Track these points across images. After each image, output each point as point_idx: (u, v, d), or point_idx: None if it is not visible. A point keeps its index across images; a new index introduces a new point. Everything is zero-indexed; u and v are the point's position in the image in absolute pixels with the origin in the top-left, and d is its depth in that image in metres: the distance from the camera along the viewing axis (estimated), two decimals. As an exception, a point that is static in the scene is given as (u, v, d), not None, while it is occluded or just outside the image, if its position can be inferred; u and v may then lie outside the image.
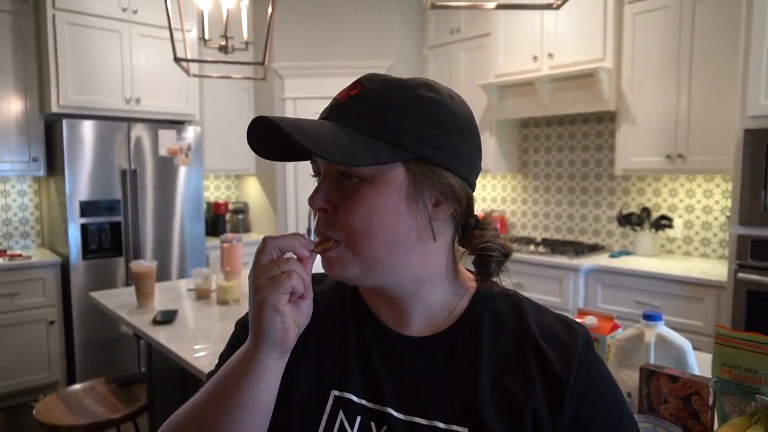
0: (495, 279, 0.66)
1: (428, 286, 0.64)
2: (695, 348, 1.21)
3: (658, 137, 3.00)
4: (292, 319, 0.58)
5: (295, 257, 0.59)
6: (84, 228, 3.37)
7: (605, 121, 3.51)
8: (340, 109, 0.60)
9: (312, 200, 0.60)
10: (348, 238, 0.59)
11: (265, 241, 0.58)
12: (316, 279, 0.76)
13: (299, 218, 4.21)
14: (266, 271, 0.57)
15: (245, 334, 0.63)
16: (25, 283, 3.26)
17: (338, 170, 0.60)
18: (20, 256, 3.33)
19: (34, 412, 1.96)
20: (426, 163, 0.59)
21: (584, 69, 3.11)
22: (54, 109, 3.35)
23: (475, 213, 0.67)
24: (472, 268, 0.70)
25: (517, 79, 3.43)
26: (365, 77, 0.62)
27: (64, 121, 3.28)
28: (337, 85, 0.64)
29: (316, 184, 0.63)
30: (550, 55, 3.30)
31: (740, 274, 2.49)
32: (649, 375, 1.03)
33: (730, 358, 0.95)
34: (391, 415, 0.61)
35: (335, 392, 0.63)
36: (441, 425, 0.59)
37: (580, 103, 3.24)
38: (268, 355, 0.58)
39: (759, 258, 2.44)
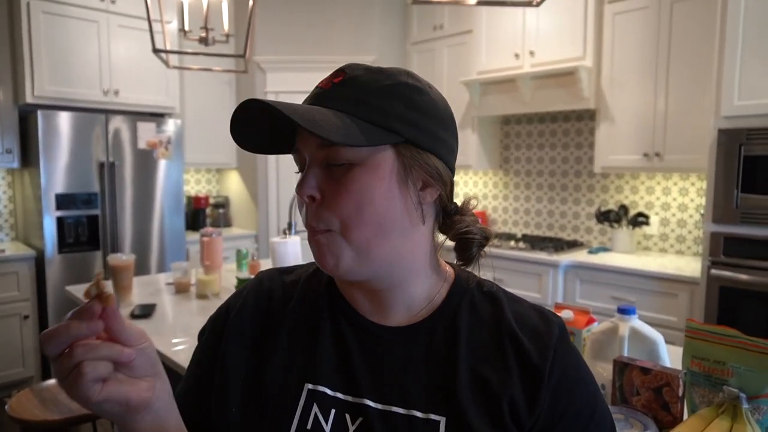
0: (473, 268, 0.67)
1: (412, 276, 0.65)
2: (669, 342, 1.24)
3: (636, 136, 3.05)
4: (119, 391, 0.50)
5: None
6: (60, 221, 3.31)
7: (585, 119, 3.56)
8: (325, 95, 0.60)
9: (300, 188, 0.59)
10: (341, 224, 0.58)
11: (41, 339, 0.50)
12: (287, 270, 0.76)
13: (281, 212, 4.19)
14: (60, 372, 0.49)
15: (211, 339, 0.69)
16: (-1, 277, 3.19)
17: (325, 158, 0.59)
18: (-7, 249, 3.26)
19: (6, 407, 1.92)
20: (413, 146, 0.60)
21: (565, 67, 3.14)
22: (29, 99, 3.27)
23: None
24: (450, 260, 0.71)
25: (498, 76, 3.46)
26: (347, 66, 0.62)
27: (40, 112, 3.21)
28: (319, 79, 0.64)
29: (300, 177, 0.62)
30: (532, 53, 3.33)
31: (713, 271, 2.55)
32: (622, 367, 1.05)
33: (699, 351, 0.97)
34: (368, 406, 0.61)
35: (309, 386, 0.63)
36: (419, 414, 0.60)
37: (561, 101, 3.28)
38: (129, 426, 0.54)
39: (731, 255, 2.51)
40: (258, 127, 0.61)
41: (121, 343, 0.50)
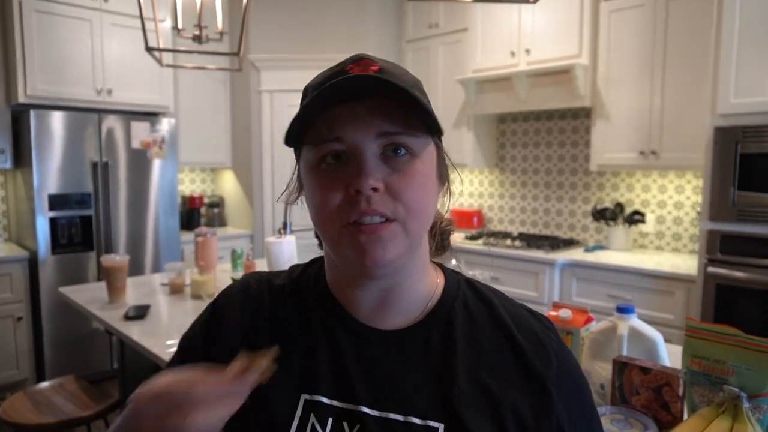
0: (444, 257, 0.70)
1: (419, 272, 0.64)
2: (666, 340, 1.24)
3: (631, 134, 3.05)
4: None
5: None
6: (53, 222, 3.28)
7: (581, 118, 3.55)
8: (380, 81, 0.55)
9: (365, 180, 0.53)
10: (406, 213, 0.56)
11: None
12: (275, 274, 0.73)
13: (276, 212, 4.17)
14: None
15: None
16: (-9, 278, 3.16)
17: (383, 146, 0.55)
18: (-14, 250, 3.23)
19: (0, 411, 1.90)
20: (439, 140, 0.62)
21: (561, 65, 3.14)
22: (21, 99, 3.24)
23: None
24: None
25: (494, 74, 3.45)
26: (366, 56, 0.59)
27: (32, 112, 3.17)
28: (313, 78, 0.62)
29: (353, 166, 0.55)
30: (528, 51, 3.32)
31: (710, 268, 2.55)
32: (621, 367, 1.05)
33: (699, 350, 0.97)
34: (365, 413, 0.59)
35: (305, 396, 0.60)
36: (417, 421, 0.58)
37: (557, 99, 3.27)
38: None
39: (727, 252, 2.51)
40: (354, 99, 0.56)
41: None
